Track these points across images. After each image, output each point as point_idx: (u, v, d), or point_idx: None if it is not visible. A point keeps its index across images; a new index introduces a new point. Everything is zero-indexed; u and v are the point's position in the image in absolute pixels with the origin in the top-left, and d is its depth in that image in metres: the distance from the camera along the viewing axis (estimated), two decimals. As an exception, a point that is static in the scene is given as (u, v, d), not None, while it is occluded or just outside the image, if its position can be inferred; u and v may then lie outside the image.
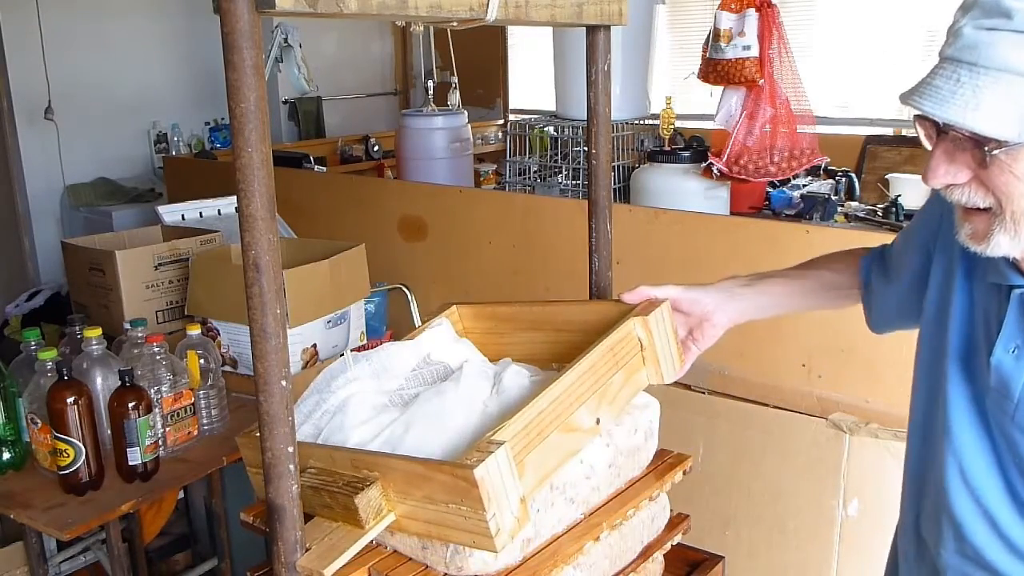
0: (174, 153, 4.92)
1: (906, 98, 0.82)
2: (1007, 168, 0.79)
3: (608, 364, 1.08)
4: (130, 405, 1.65)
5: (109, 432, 1.72)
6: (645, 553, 1.22)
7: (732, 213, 3.19)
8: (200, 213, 2.84)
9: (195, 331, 1.90)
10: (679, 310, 1.17)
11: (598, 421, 1.07)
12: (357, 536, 0.97)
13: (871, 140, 4.14)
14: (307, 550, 0.97)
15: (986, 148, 0.78)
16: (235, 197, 0.85)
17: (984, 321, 0.93)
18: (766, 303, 1.21)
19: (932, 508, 1.00)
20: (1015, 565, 0.92)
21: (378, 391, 1.20)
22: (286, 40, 5.01)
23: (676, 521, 1.30)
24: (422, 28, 4.77)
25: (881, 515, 2.04)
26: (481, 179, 4.94)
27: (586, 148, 1.42)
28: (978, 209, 0.84)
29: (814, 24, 4.48)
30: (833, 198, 3.23)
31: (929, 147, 0.85)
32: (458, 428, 1.09)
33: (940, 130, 0.83)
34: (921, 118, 0.84)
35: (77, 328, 1.87)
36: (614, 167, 3.56)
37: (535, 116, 4.60)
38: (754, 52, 2.93)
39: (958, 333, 0.96)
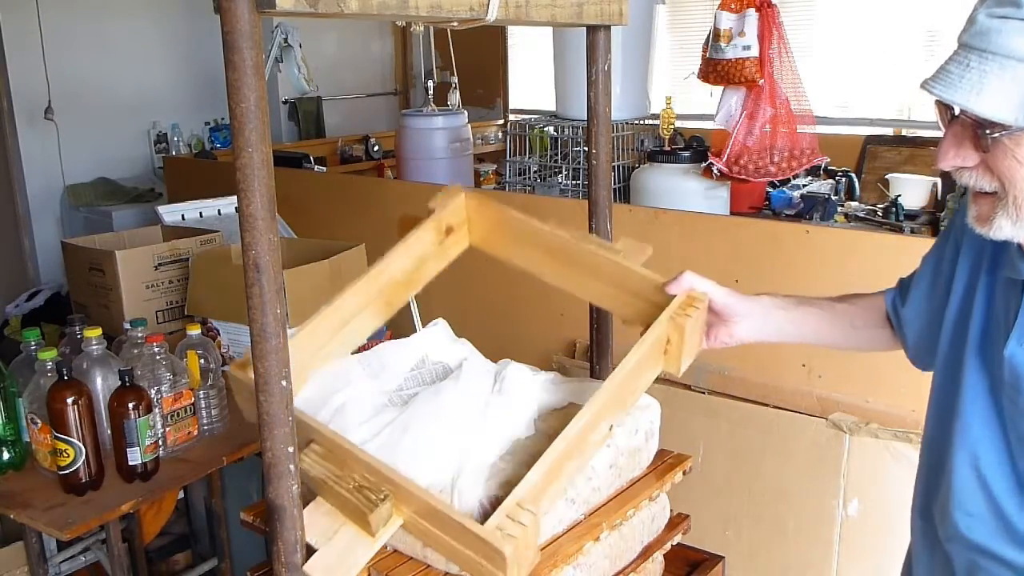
0: (174, 153, 4.92)
1: (923, 83, 0.85)
2: (1010, 152, 0.82)
3: (634, 378, 1.05)
4: (130, 405, 1.65)
5: (109, 432, 1.72)
6: (645, 553, 1.22)
7: (732, 213, 3.19)
8: (200, 213, 2.84)
9: (195, 331, 1.90)
10: (708, 307, 1.16)
11: (611, 427, 1.06)
12: (367, 546, 0.94)
13: (871, 140, 4.14)
14: (311, 547, 0.95)
15: (988, 131, 0.81)
16: (235, 197, 0.85)
17: (1004, 315, 0.94)
18: (793, 331, 1.20)
19: (943, 496, 1.01)
20: (1020, 555, 0.93)
21: (377, 391, 1.20)
22: (286, 40, 5.01)
23: (676, 521, 1.30)
24: (422, 28, 4.77)
25: (881, 515, 2.04)
26: (481, 179, 4.94)
27: (586, 148, 1.42)
28: (985, 193, 0.87)
29: (814, 24, 4.48)
30: (833, 198, 3.23)
31: (943, 130, 0.87)
32: (458, 429, 1.09)
33: (953, 114, 0.85)
34: (938, 102, 0.86)
35: (77, 328, 1.87)
36: (614, 167, 3.56)
37: (535, 116, 4.60)
38: (754, 52, 2.93)
39: (978, 326, 0.97)
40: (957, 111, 0.85)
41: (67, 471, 1.63)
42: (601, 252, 1.16)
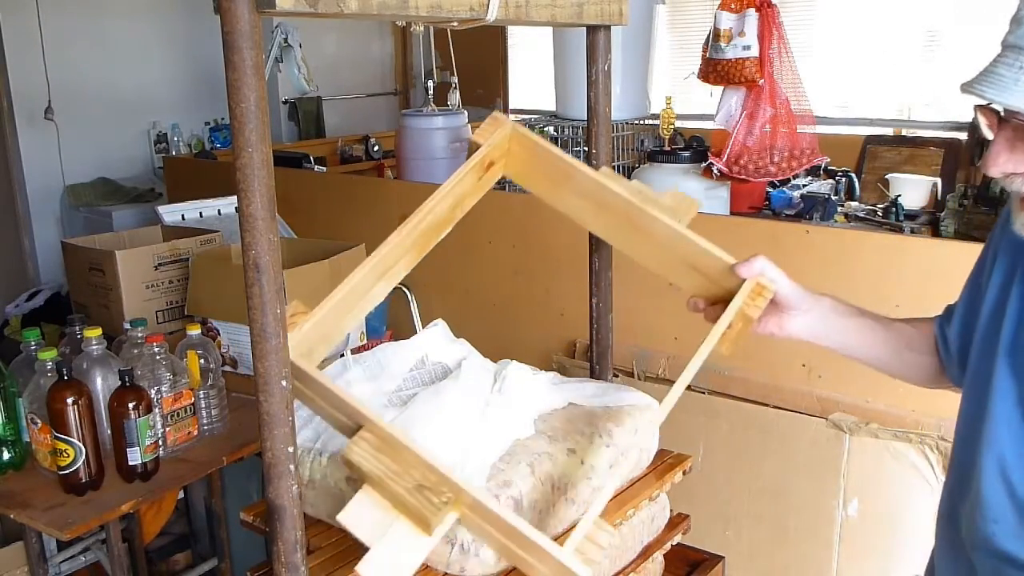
0: (174, 153, 4.92)
1: (967, 87, 0.82)
2: None
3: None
4: (130, 405, 1.65)
5: (109, 432, 1.72)
6: (645, 553, 1.23)
7: (732, 213, 3.19)
8: (200, 213, 2.84)
9: (195, 331, 1.90)
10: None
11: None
12: (422, 545, 0.88)
13: (871, 140, 4.14)
14: (356, 539, 0.89)
15: None
16: (235, 197, 0.85)
17: None
18: (846, 340, 1.16)
19: (970, 503, 0.99)
20: None
21: (376, 392, 1.20)
22: (286, 40, 5.00)
23: (676, 521, 1.30)
24: (422, 28, 4.76)
25: (881, 515, 2.04)
26: (481, 179, 4.93)
27: (586, 148, 1.42)
28: None
29: (814, 24, 4.48)
30: (833, 198, 3.23)
31: (991, 136, 0.85)
32: (458, 429, 1.09)
33: (1001, 119, 0.83)
34: (982, 107, 0.83)
35: (77, 328, 1.87)
36: (614, 167, 3.55)
37: (535, 116, 4.60)
38: (754, 52, 2.93)
39: (1010, 332, 0.95)
40: (1002, 112, 0.82)
41: (67, 471, 1.63)
42: (663, 218, 1.07)
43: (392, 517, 0.88)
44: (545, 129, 4.03)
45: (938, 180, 3.52)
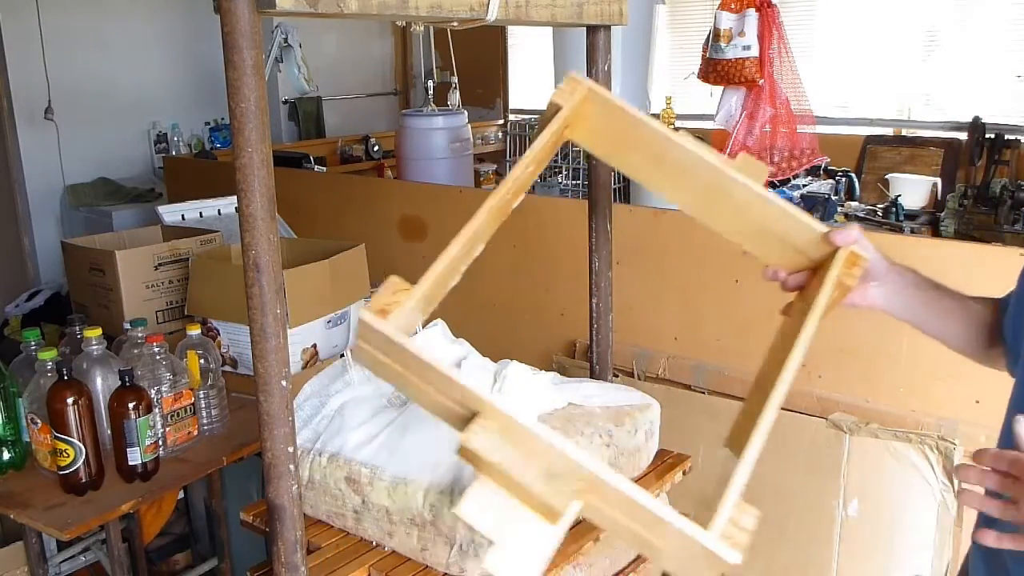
0: (174, 153, 4.92)
1: None
2: None
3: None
4: (130, 405, 1.65)
5: (109, 432, 1.72)
6: (645, 553, 1.22)
7: (732, 213, 3.19)
8: (200, 213, 2.84)
9: (195, 331, 1.90)
10: None
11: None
12: (549, 536, 0.83)
13: (871, 140, 4.14)
14: (482, 535, 0.85)
15: None
16: (235, 197, 0.85)
17: None
18: (921, 313, 1.13)
19: None
20: None
21: (375, 393, 1.21)
22: (286, 40, 5.01)
23: (676, 521, 1.29)
24: (422, 28, 4.77)
25: (881, 515, 2.04)
26: (481, 179, 4.94)
27: (586, 148, 1.42)
28: None
29: (814, 24, 4.48)
30: (833, 198, 3.23)
31: None
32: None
33: None
34: None
35: (77, 328, 1.87)
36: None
37: (535, 116, 4.61)
38: (754, 52, 2.93)
39: None
40: None
41: (67, 471, 1.63)
42: (750, 184, 1.02)
43: (513, 507, 0.83)
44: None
45: (938, 180, 3.52)
